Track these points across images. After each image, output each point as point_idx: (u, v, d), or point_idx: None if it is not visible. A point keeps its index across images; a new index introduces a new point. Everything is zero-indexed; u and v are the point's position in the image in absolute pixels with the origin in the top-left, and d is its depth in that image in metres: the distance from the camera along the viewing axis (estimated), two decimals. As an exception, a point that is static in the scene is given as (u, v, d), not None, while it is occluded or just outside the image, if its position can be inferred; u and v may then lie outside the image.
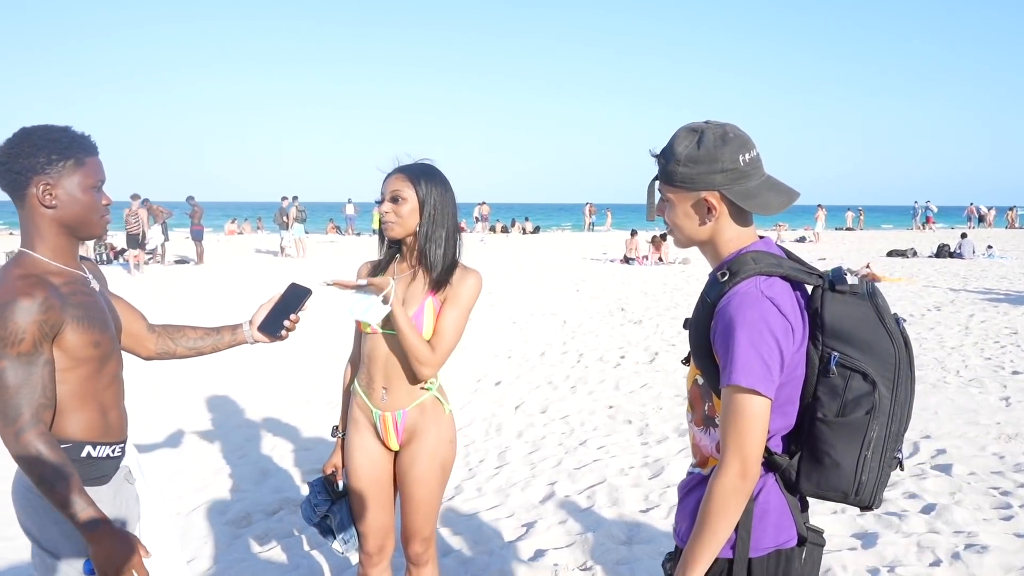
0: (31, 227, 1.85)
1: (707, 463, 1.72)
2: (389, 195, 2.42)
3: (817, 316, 1.57)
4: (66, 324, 1.79)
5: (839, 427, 1.56)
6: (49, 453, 1.73)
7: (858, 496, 1.59)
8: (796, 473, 1.62)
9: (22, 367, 1.73)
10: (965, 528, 3.78)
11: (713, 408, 1.68)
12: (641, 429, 5.61)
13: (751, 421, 1.52)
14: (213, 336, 2.26)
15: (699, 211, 1.67)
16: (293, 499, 4.37)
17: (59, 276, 1.84)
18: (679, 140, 1.66)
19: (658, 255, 19.52)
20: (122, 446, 2.02)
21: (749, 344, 1.51)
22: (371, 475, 2.55)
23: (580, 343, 8.88)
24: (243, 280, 15.95)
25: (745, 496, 1.54)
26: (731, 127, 1.65)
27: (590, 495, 4.36)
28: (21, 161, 1.79)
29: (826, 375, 1.56)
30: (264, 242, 27.11)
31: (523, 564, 3.55)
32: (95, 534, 1.74)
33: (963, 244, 20.89)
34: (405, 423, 2.51)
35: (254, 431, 5.76)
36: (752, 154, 1.64)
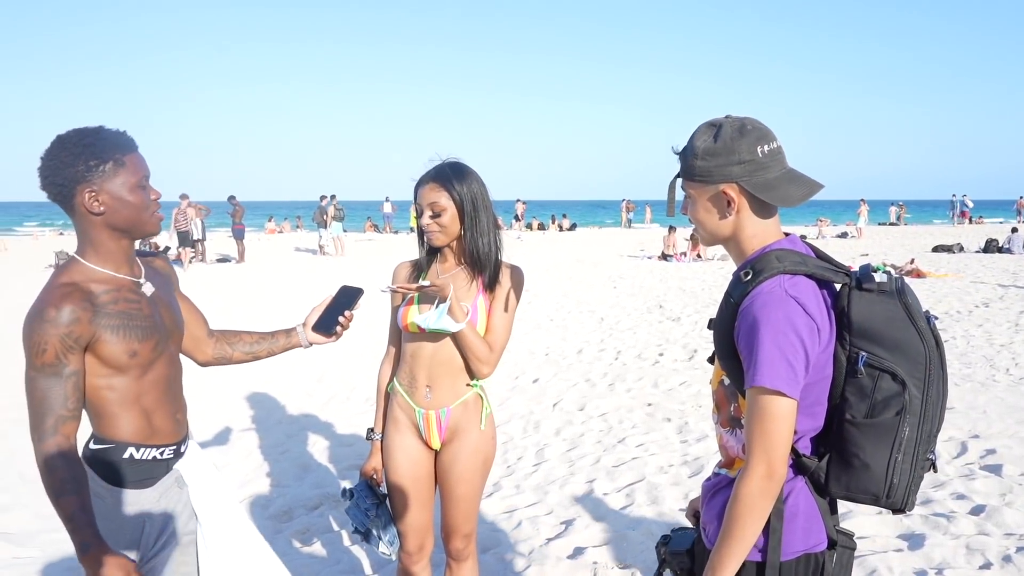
0: (83, 235, 1.85)
1: (733, 464, 1.70)
2: (428, 209, 2.40)
3: (844, 315, 1.54)
4: (99, 334, 1.78)
5: (868, 428, 1.53)
6: (62, 466, 1.74)
7: (889, 498, 1.55)
8: (825, 475, 1.59)
9: (46, 378, 1.74)
10: (1017, 530, 3.68)
11: (739, 409, 1.66)
12: (680, 427, 5.56)
13: (776, 422, 1.50)
14: (268, 340, 2.26)
15: (718, 205, 1.64)
16: (333, 495, 4.42)
17: (103, 284, 1.83)
18: (698, 135, 1.65)
19: (696, 252, 19.34)
20: (173, 449, 1.99)
21: (774, 345, 1.49)
22: (412, 474, 2.56)
23: (618, 340, 8.84)
24: (283, 278, 16.18)
25: (772, 497, 1.52)
26: (750, 120, 1.63)
27: (629, 493, 4.34)
28: (62, 172, 1.77)
29: (854, 375, 1.53)
30: (303, 241, 27.45)
31: (562, 562, 3.54)
32: (88, 556, 1.71)
33: (1013, 239, 20.31)
34: (449, 421, 2.51)
35: (295, 428, 5.83)
36: (771, 146, 1.61)
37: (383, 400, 2.65)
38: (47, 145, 1.82)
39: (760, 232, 1.65)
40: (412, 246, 2.61)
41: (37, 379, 1.75)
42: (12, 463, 5.07)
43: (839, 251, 20.86)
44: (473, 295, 2.46)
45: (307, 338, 2.27)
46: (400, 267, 2.61)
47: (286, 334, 2.27)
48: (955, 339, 8.42)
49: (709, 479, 1.80)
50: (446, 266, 2.52)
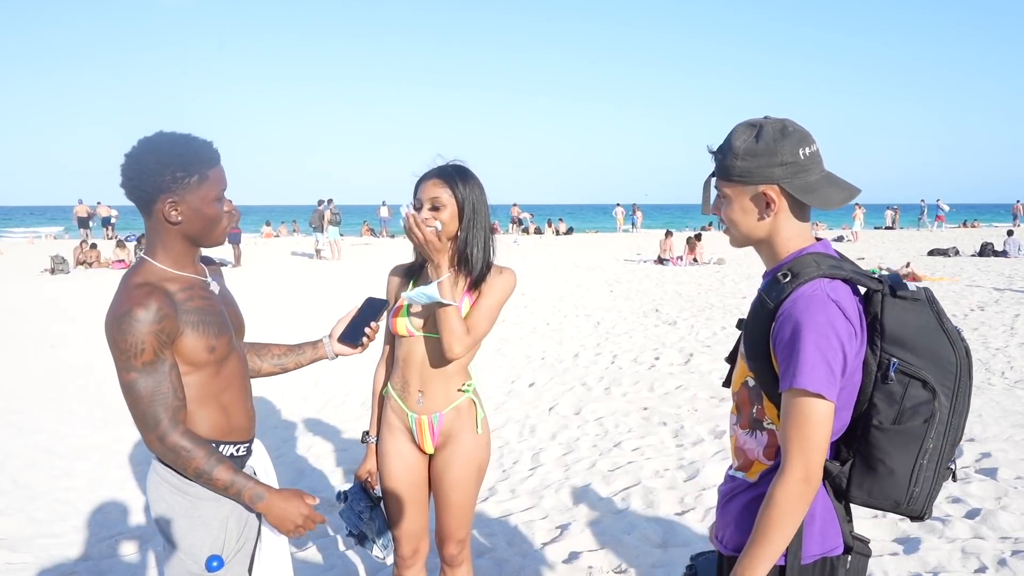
0: (155, 237, 1.88)
1: (751, 468, 1.68)
2: (429, 202, 2.38)
3: (877, 322, 1.53)
4: (182, 330, 1.82)
5: (895, 435, 1.52)
6: (196, 448, 1.81)
7: (910, 506, 1.55)
8: (847, 480, 1.58)
9: (150, 376, 1.77)
10: (1012, 534, 3.69)
11: (763, 411, 1.64)
12: (676, 431, 5.56)
13: (816, 426, 1.49)
14: (296, 353, 2.27)
15: (758, 205, 1.63)
16: (328, 499, 4.41)
17: (176, 282, 1.86)
18: (737, 134, 1.63)
19: (692, 256, 19.36)
20: (247, 446, 2.04)
21: (816, 348, 1.47)
22: (406, 479, 2.55)
23: (614, 344, 8.83)
24: (280, 282, 16.15)
25: (808, 502, 1.51)
26: (790, 121, 1.63)
27: (624, 497, 4.34)
28: (148, 179, 1.79)
29: (884, 381, 1.52)
30: (300, 245, 27.43)
31: (557, 566, 3.54)
32: (264, 504, 1.88)
33: (1008, 242, 20.35)
34: (441, 426, 2.50)
35: (290, 432, 5.82)
36: (812, 148, 1.61)
37: (378, 403, 2.65)
38: (134, 145, 1.84)
39: (796, 235, 1.64)
40: (408, 250, 2.60)
41: (140, 380, 1.77)
42: (5, 467, 5.05)
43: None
44: (459, 296, 2.44)
45: (334, 350, 2.29)
46: (393, 272, 2.61)
47: (312, 346, 2.29)
48: (950, 343, 8.42)
49: (724, 483, 1.78)
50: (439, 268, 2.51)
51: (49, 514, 4.31)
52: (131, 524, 4.18)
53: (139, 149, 1.82)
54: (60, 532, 4.08)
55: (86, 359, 8.40)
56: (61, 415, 6.24)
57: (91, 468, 5.05)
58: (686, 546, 3.70)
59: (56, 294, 14.51)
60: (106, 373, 7.70)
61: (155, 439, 1.79)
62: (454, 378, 2.49)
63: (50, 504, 4.45)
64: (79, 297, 13.95)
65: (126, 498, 4.53)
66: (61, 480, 4.84)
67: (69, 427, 5.92)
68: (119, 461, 5.16)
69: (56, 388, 7.16)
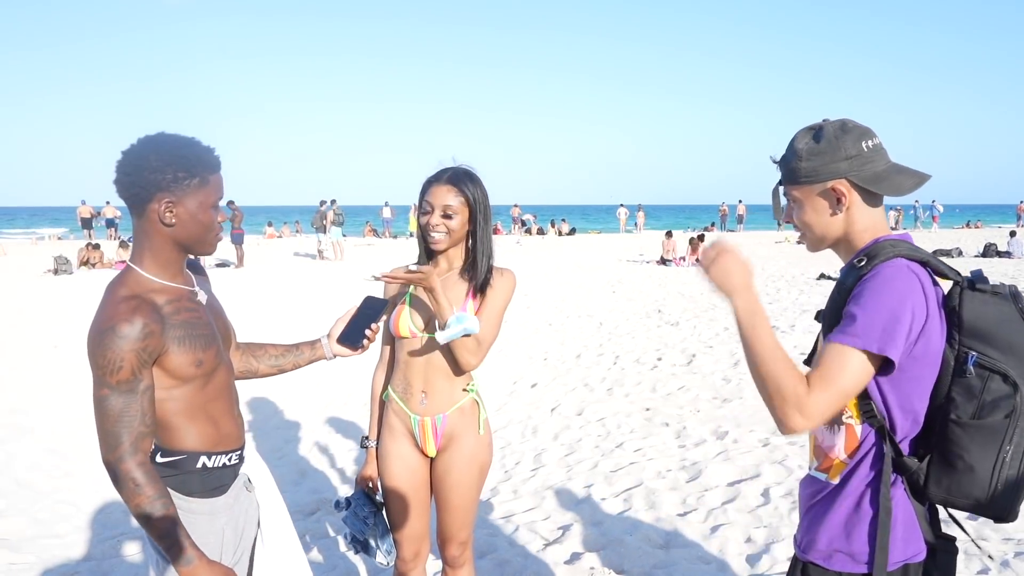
0: (144, 240, 1.81)
1: (832, 468, 1.66)
2: (440, 209, 2.39)
3: (955, 314, 1.51)
4: (167, 347, 1.75)
5: (974, 430, 1.48)
6: (147, 484, 1.71)
7: (992, 506, 1.50)
8: (925, 477, 1.55)
9: (122, 396, 1.70)
10: (1015, 535, 3.68)
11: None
12: (678, 432, 5.56)
13: (845, 373, 1.48)
14: (293, 353, 2.22)
15: (828, 202, 1.63)
16: (330, 500, 4.41)
17: (163, 294, 1.80)
18: (798, 139, 1.65)
19: (695, 257, 19.33)
20: (239, 453, 1.98)
21: (882, 305, 1.47)
22: (408, 482, 2.54)
23: (616, 345, 8.83)
24: (282, 283, 16.17)
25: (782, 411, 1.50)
26: (849, 119, 1.64)
27: (627, 498, 4.33)
28: (147, 175, 1.73)
29: (962, 375, 1.49)
30: (302, 245, 27.45)
31: (559, 567, 3.53)
32: (188, 569, 1.73)
33: (1012, 243, 20.31)
34: (444, 427, 2.49)
35: (292, 433, 5.83)
36: (875, 141, 1.62)
37: (378, 407, 2.64)
38: (133, 142, 1.78)
39: (871, 226, 1.64)
40: (412, 251, 2.61)
41: (111, 397, 1.70)
42: (8, 468, 5.06)
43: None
44: (462, 299, 2.45)
45: (332, 350, 2.23)
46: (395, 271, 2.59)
47: (311, 346, 2.23)
48: (954, 343, 8.40)
49: (805, 487, 1.76)
50: (439, 269, 2.51)
51: (52, 514, 4.32)
52: (134, 524, 4.19)
53: (140, 146, 1.77)
54: (62, 532, 4.09)
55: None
56: (64, 415, 6.25)
57: (94, 468, 5.05)
58: (688, 547, 3.70)
59: (59, 294, 14.54)
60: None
61: (112, 460, 1.72)
62: (457, 378, 2.49)
63: (53, 505, 4.46)
64: (82, 297, 13.96)
65: (128, 498, 4.53)
66: (64, 480, 4.85)
67: (72, 427, 5.92)
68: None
69: (59, 388, 7.17)
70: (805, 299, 12.27)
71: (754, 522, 3.96)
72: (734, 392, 6.60)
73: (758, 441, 5.26)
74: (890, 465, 1.56)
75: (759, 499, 4.27)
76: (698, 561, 3.56)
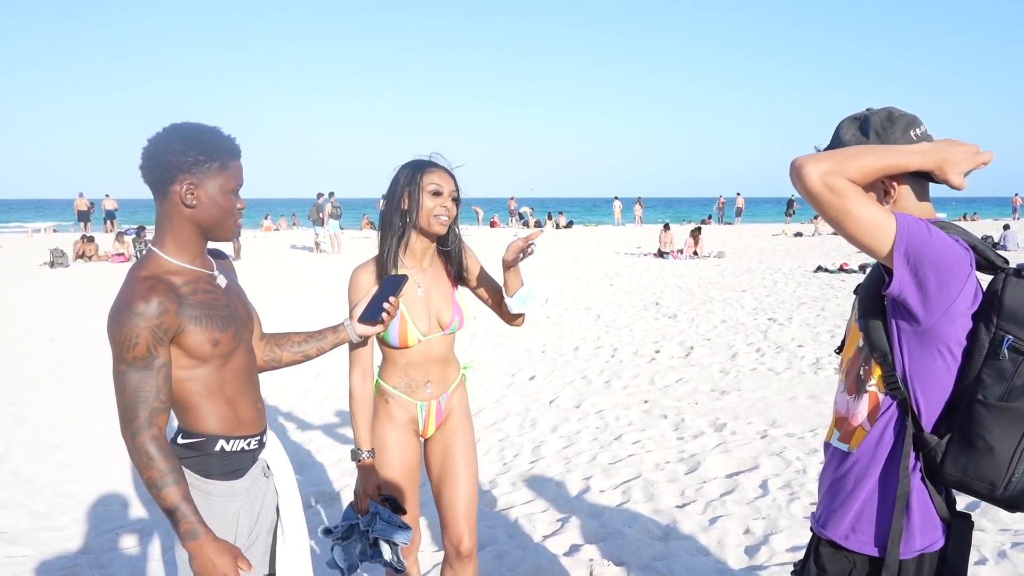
0: (165, 223, 1.89)
1: (854, 436, 1.66)
2: (450, 194, 2.46)
3: (996, 297, 1.51)
4: (184, 325, 1.81)
5: (1000, 412, 1.48)
6: (160, 458, 1.76)
7: (1007, 491, 1.50)
8: (943, 455, 1.54)
9: (138, 371, 1.76)
10: (1012, 526, 3.69)
11: (869, 372, 1.63)
12: (676, 424, 5.56)
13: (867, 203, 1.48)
14: (316, 339, 2.26)
15: (876, 193, 1.62)
16: (328, 492, 4.42)
17: (181, 275, 1.87)
18: (844, 130, 1.65)
19: (693, 249, 19.35)
20: (258, 439, 2.03)
21: (933, 235, 1.47)
22: (405, 466, 2.56)
23: (614, 337, 8.83)
24: (280, 275, 16.14)
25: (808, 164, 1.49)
26: (895, 108, 1.63)
27: (625, 490, 4.34)
28: (170, 157, 1.82)
29: (995, 357, 1.49)
30: (300, 238, 27.40)
31: (558, 559, 3.54)
32: (194, 544, 1.77)
33: (1007, 236, 20.37)
34: (446, 406, 2.62)
35: (291, 425, 5.83)
36: (922, 129, 1.61)
37: (370, 416, 2.51)
38: (158, 130, 1.87)
39: (920, 215, 1.62)
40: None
41: (128, 373, 1.76)
42: (6, 460, 5.06)
43: (837, 248, 20.87)
44: (450, 288, 2.59)
45: (355, 331, 2.29)
46: (360, 273, 2.51)
47: (333, 331, 2.29)
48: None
49: (828, 457, 1.76)
50: (413, 263, 2.53)
51: (50, 507, 4.31)
52: (132, 517, 4.19)
53: (165, 132, 1.85)
54: (61, 525, 4.09)
55: (86, 352, 8.40)
56: (61, 408, 6.24)
57: (92, 461, 5.06)
58: (686, 539, 3.71)
59: (55, 287, 14.51)
60: (107, 366, 7.70)
61: (128, 435, 1.78)
62: (453, 361, 2.65)
63: (51, 497, 4.45)
64: (78, 290, 13.94)
65: (127, 491, 4.53)
66: (61, 473, 4.85)
67: (70, 420, 5.92)
68: (120, 454, 5.15)
69: (56, 381, 7.16)
70: (802, 291, 12.28)
71: (752, 514, 3.97)
72: (732, 384, 6.61)
73: (756, 433, 5.27)
74: (911, 441, 1.56)
75: (757, 491, 4.27)
76: (696, 553, 3.57)
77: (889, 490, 1.59)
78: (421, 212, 2.43)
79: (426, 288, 2.52)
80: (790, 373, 6.95)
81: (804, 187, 1.49)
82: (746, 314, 10.24)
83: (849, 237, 1.52)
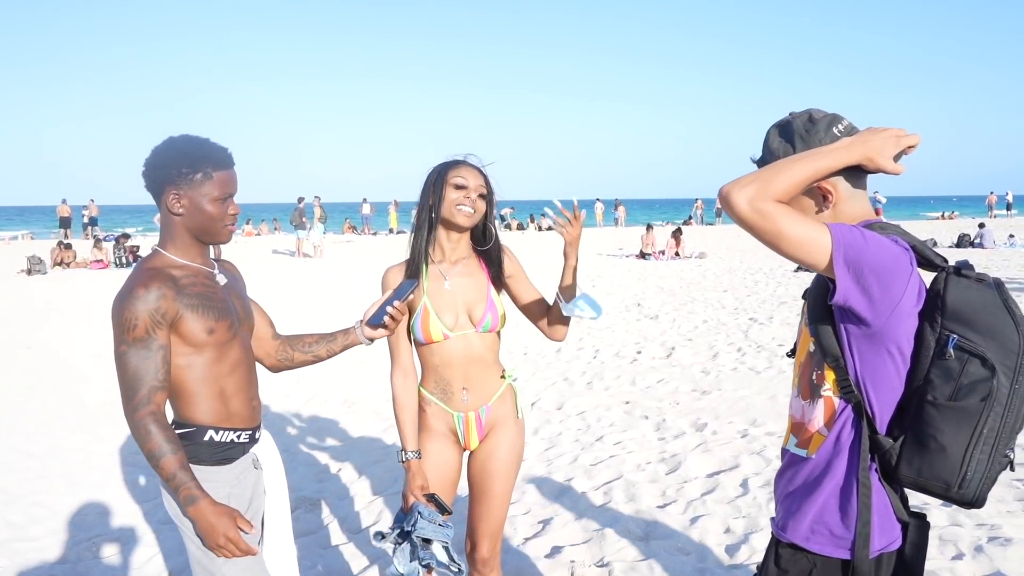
0: (165, 227, 2.05)
1: (811, 442, 1.66)
2: (476, 188, 2.43)
3: (938, 297, 1.52)
4: (181, 312, 1.95)
5: (950, 411, 1.49)
6: (158, 431, 1.89)
7: (961, 489, 1.51)
8: (897, 458, 1.55)
9: (137, 351, 1.90)
10: (988, 521, 3.73)
11: (822, 376, 1.63)
12: (658, 424, 5.58)
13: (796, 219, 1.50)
14: (327, 340, 2.31)
15: (814, 199, 1.63)
16: (309, 498, 4.39)
17: (182, 270, 2.02)
18: (771, 138, 1.66)
19: (675, 250, 19.43)
20: (250, 433, 2.12)
21: (869, 240, 1.48)
22: (448, 479, 2.53)
23: (596, 339, 8.85)
24: (262, 281, 16.04)
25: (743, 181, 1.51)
26: (815, 110, 1.65)
27: (607, 491, 4.34)
28: (158, 170, 1.99)
29: (942, 357, 1.50)
30: (281, 243, 27.22)
31: (539, 561, 3.53)
32: (194, 507, 1.89)
33: (983, 234, 20.63)
34: (488, 418, 2.52)
35: (273, 430, 5.74)
36: (845, 124, 1.62)
37: (414, 416, 2.50)
38: (160, 142, 2.03)
39: (859, 215, 1.64)
40: (392, 248, 2.61)
41: (128, 353, 1.90)
42: (-19, 471, 4.98)
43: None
44: (485, 287, 2.50)
45: (365, 335, 2.31)
46: (392, 273, 2.51)
47: (344, 333, 2.32)
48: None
49: (783, 463, 1.77)
50: (445, 257, 2.49)
51: (25, 517, 4.25)
52: (110, 526, 4.14)
53: (161, 145, 2.01)
54: (36, 535, 4.03)
55: (62, 360, 8.30)
56: (37, 416, 6.15)
57: (68, 470, 4.99)
58: (668, 539, 3.71)
59: (33, 295, 14.33)
60: (84, 374, 7.62)
61: (129, 411, 1.90)
62: (494, 367, 2.53)
63: (26, 507, 4.39)
64: (56, 298, 13.78)
65: (104, 500, 4.47)
66: (37, 482, 4.78)
67: (46, 428, 5.84)
68: (97, 463, 5.10)
69: (32, 389, 7.07)
70: (783, 291, 12.37)
71: (733, 512, 3.98)
72: (713, 384, 6.64)
73: (737, 432, 5.29)
74: (867, 442, 1.57)
75: (738, 490, 4.29)
76: (678, 552, 3.58)
77: (847, 492, 1.60)
78: (444, 204, 2.41)
79: (454, 282, 2.46)
80: (771, 372, 6.99)
81: (735, 215, 1.51)
82: (727, 314, 10.30)
83: (788, 256, 1.54)
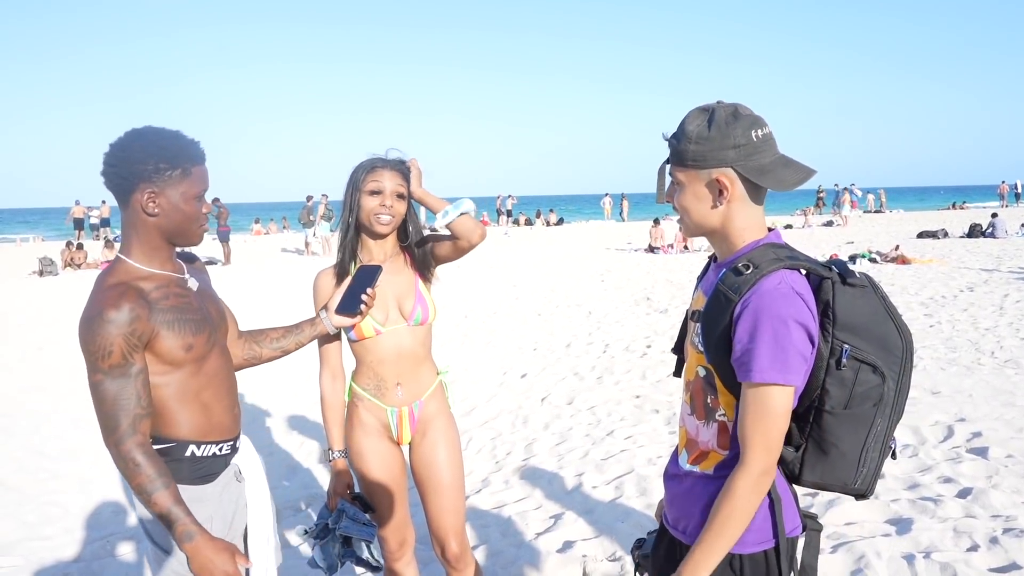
0: (131, 230, 1.87)
1: (706, 459, 1.67)
2: (393, 192, 2.41)
3: (829, 309, 1.54)
4: (157, 330, 1.79)
5: (846, 419, 1.55)
6: (147, 463, 1.75)
7: (857, 486, 1.59)
8: (800, 465, 1.61)
9: (115, 380, 1.74)
10: (1003, 512, 3.70)
11: (716, 401, 1.64)
12: (668, 418, 5.56)
13: (777, 418, 1.50)
14: (294, 333, 2.27)
15: (711, 192, 1.61)
16: (320, 495, 4.40)
17: (150, 280, 1.85)
18: (690, 119, 1.62)
19: (684, 243, 19.36)
20: (231, 443, 2.01)
21: (777, 339, 1.48)
22: (389, 473, 2.54)
23: (606, 333, 8.83)
24: (270, 279, 16.09)
25: (763, 493, 1.53)
26: (741, 106, 1.62)
27: (618, 485, 4.33)
28: (129, 166, 1.79)
29: (837, 368, 1.53)
30: (290, 241, 27.30)
31: (551, 556, 3.53)
32: (192, 544, 1.76)
33: (995, 223, 20.45)
34: (421, 412, 2.54)
35: (282, 428, 5.80)
36: (764, 131, 1.59)
37: (341, 416, 2.55)
38: (120, 135, 1.83)
39: (751, 225, 1.63)
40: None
41: (105, 382, 1.74)
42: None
43: (826, 239, 20.94)
44: (413, 282, 2.51)
45: (332, 323, 2.28)
46: (323, 277, 2.53)
47: (311, 323, 2.29)
48: (940, 324, 8.46)
49: (672, 475, 1.77)
50: (373, 259, 2.51)
51: (39, 517, 4.28)
52: (123, 524, 4.16)
53: (126, 138, 1.82)
54: (51, 535, 4.06)
55: (74, 360, 8.32)
56: (50, 417, 6.20)
57: (81, 469, 5.02)
58: (680, 532, 3.70)
59: (44, 296, 14.43)
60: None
61: (112, 444, 1.76)
62: (426, 362, 2.56)
63: (40, 507, 4.42)
64: (67, 299, 13.86)
65: (117, 498, 4.50)
66: (51, 482, 4.81)
67: (58, 429, 5.88)
68: (109, 462, 5.08)
69: (44, 390, 7.11)
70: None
71: (745, 506, 3.96)
72: (723, 377, 6.61)
73: (748, 425, 5.27)
74: None
75: (750, 483, 4.27)
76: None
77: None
78: (362, 212, 2.42)
79: (383, 279, 2.45)
80: (781, 365, 6.96)
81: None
82: (737, 307, 10.25)
83: None
